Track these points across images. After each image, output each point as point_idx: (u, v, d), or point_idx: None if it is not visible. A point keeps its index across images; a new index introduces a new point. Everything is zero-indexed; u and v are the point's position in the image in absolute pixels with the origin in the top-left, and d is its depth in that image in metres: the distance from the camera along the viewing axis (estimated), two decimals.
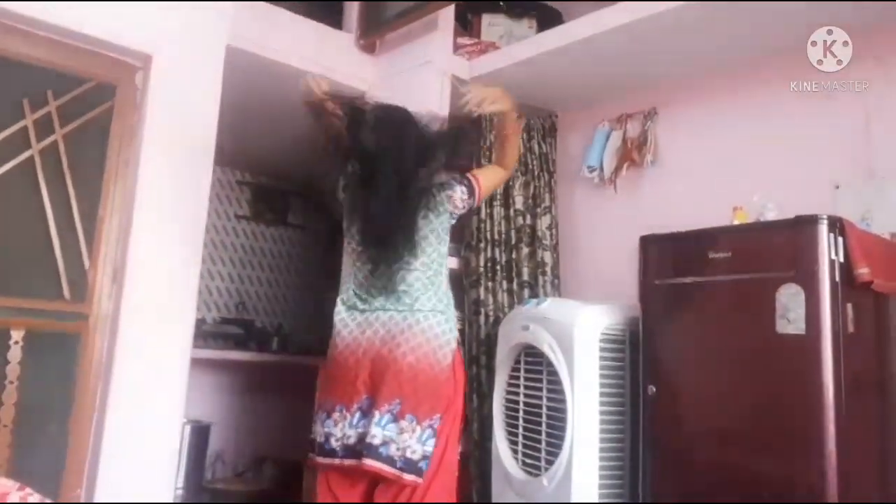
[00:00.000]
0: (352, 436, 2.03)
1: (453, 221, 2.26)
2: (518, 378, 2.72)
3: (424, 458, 1.98)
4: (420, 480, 1.97)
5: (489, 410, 2.84)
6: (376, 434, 1.97)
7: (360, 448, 1.99)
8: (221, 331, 4.62)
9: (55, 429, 2.43)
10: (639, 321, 2.46)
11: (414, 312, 2.09)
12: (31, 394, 2.38)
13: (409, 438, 1.98)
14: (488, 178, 2.33)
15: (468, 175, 2.28)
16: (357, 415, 2.05)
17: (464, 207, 2.25)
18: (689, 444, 2.25)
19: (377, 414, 1.99)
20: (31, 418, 2.39)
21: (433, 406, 2.02)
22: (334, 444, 2.06)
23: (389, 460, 1.96)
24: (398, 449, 1.97)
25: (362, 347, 2.10)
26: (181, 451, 3.21)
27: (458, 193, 2.22)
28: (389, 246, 2.11)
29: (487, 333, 3.09)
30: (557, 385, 2.51)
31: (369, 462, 1.96)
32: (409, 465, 1.96)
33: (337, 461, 2.05)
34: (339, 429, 2.06)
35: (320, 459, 2.10)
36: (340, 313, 2.20)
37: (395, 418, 1.99)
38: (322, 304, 4.83)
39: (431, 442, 1.99)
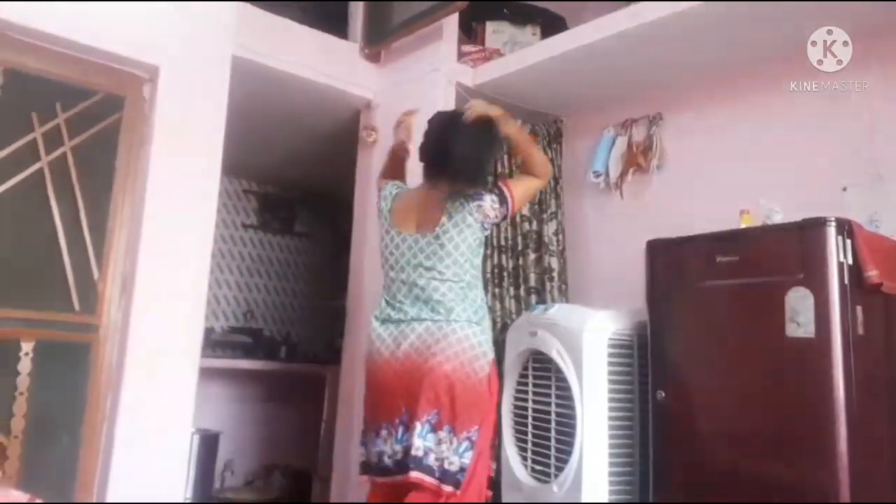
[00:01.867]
0: (399, 451, 2.06)
1: (487, 232, 2.26)
2: (526, 384, 2.71)
3: (462, 469, 1.99)
4: (457, 492, 1.99)
5: (498, 417, 2.83)
6: (419, 446, 2.00)
7: (407, 461, 2.02)
8: (230, 340, 4.64)
9: (65, 439, 2.44)
10: (647, 326, 2.45)
11: (450, 322, 2.10)
12: (41, 405, 2.39)
13: (447, 450, 2.00)
14: (520, 186, 2.31)
15: (499, 184, 2.27)
16: (401, 429, 2.08)
17: (496, 217, 2.23)
18: (699, 449, 2.24)
19: (417, 425, 2.01)
20: (42, 429, 2.39)
21: (471, 417, 2.03)
22: (387, 461, 2.10)
23: (429, 470, 1.99)
24: (437, 459, 2.00)
25: (399, 361, 2.12)
26: (190, 461, 3.21)
27: (489, 203, 2.20)
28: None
29: (495, 340, 3.07)
30: (566, 391, 2.50)
31: (415, 474, 1.98)
32: (448, 476, 1.98)
33: (389, 479, 2.09)
34: (388, 446, 2.10)
35: (380, 479, 2.14)
36: (376, 329, 2.23)
37: (434, 429, 2.01)
38: (330, 312, 4.87)
39: (469, 454, 2.00)
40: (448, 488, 1.98)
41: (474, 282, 2.22)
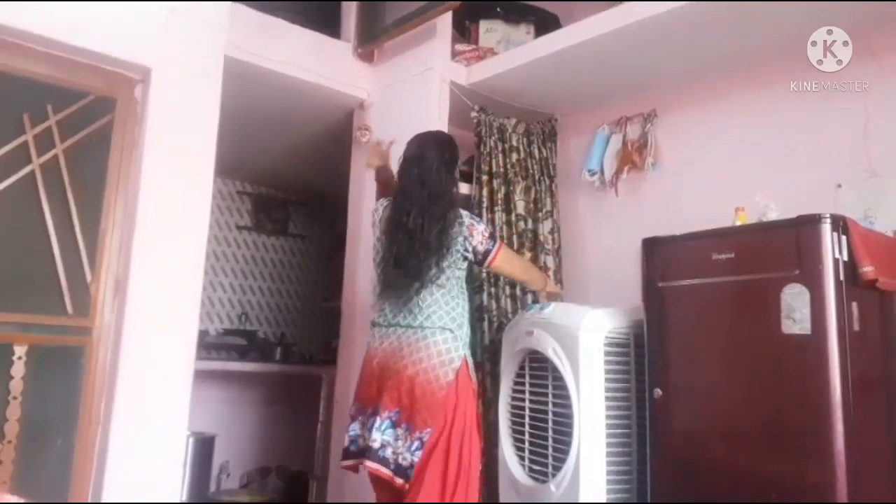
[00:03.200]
0: (368, 437, 2.23)
1: (468, 255, 2.36)
2: (523, 384, 2.71)
3: (411, 465, 2.16)
4: (406, 485, 2.16)
5: (494, 416, 2.82)
6: (376, 438, 2.19)
7: (369, 450, 2.20)
8: (224, 342, 4.62)
9: (59, 443, 2.43)
10: (643, 324, 2.45)
11: (423, 329, 2.26)
12: (34, 409, 2.38)
13: (402, 447, 2.18)
14: (512, 257, 2.58)
15: (497, 238, 2.45)
16: (371, 419, 2.25)
17: (479, 244, 2.35)
18: (696, 446, 2.24)
19: (378, 420, 2.21)
20: (35, 433, 2.38)
21: (425, 420, 2.18)
22: (352, 447, 2.31)
23: (385, 462, 2.19)
24: (394, 453, 2.19)
25: (377, 358, 2.33)
26: (185, 464, 3.20)
27: (481, 229, 2.37)
28: (407, 263, 2.28)
29: (491, 339, 3.07)
30: (563, 390, 2.49)
31: (369, 463, 2.20)
32: (400, 470, 2.17)
33: (352, 461, 2.30)
34: (362, 430, 2.29)
35: (344, 463, 2.33)
36: (372, 330, 2.43)
37: (394, 425, 2.20)
38: (324, 313, 4.86)
39: (419, 454, 2.15)
40: (399, 480, 2.16)
41: (458, 291, 2.36)
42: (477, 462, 2.28)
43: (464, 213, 2.38)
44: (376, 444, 2.18)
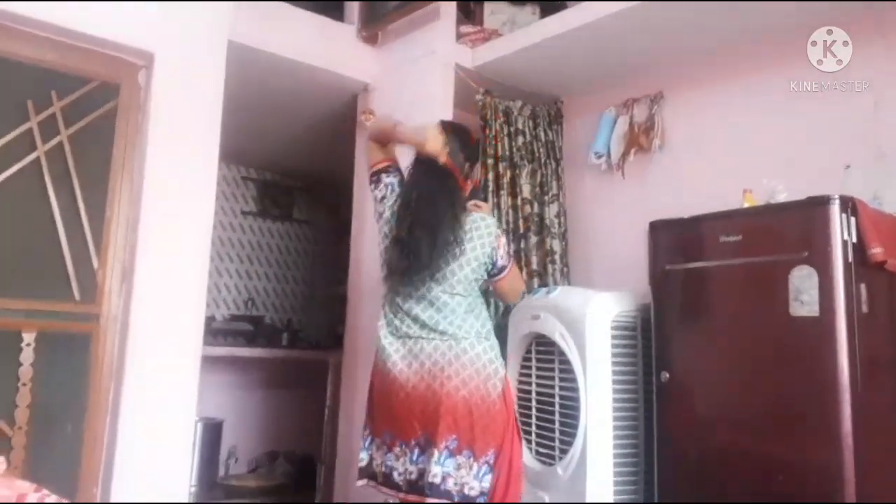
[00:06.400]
0: (413, 472, 2.06)
1: (489, 266, 2.20)
2: (530, 368, 2.71)
3: (482, 493, 2.00)
4: None
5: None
6: (437, 473, 1.99)
7: (422, 485, 2.02)
8: (231, 328, 4.64)
9: (69, 429, 2.44)
10: (650, 307, 2.45)
11: (459, 340, 2.09)
12: (44, 395, 2.39)
13: (467, 475, 2.00)
14: (517, 272, 2.37)
15: (512, 260, 2.31)
16: (416, 451, 2.07)
17: (500, 258, 2.19)
18: (703, 429, 2.24)
19: (436, 452, 2.00)
20: (45, 419, 2.39)
21: (488, 441, 2.03)
22: (397, 478, 2.10)
23: (448, 495, 1.99)
24: (456, 484, 2.00)
25: (412, 382, 2.10)
26: (194, 449, 3.22)
27: (504, 242, 2.23)
28: (429, 263, 2.10)
29: (497, 324, 3.07)
30: (569, 374, 2.50)
31: (432, 501, 1.99)
32: (467, 501, 1.99)
33: (402, 495, 2.09)
34: (401, 464, 2.10)
35: (385, 490, 2.14)
36: (385, 337, 2.20)
37: (453, 454, 2.01)
38: (331, 299, 4.86)
39: (489, 478, 2.01)
40: None
41: (480, 297, 2.22)
42: (521, 457, 2.14)
43: (492, 220, 2.23)
44: (437, 479, 1.98)
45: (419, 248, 2.10)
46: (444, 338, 2.10)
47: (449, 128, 2.25)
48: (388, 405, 2.16)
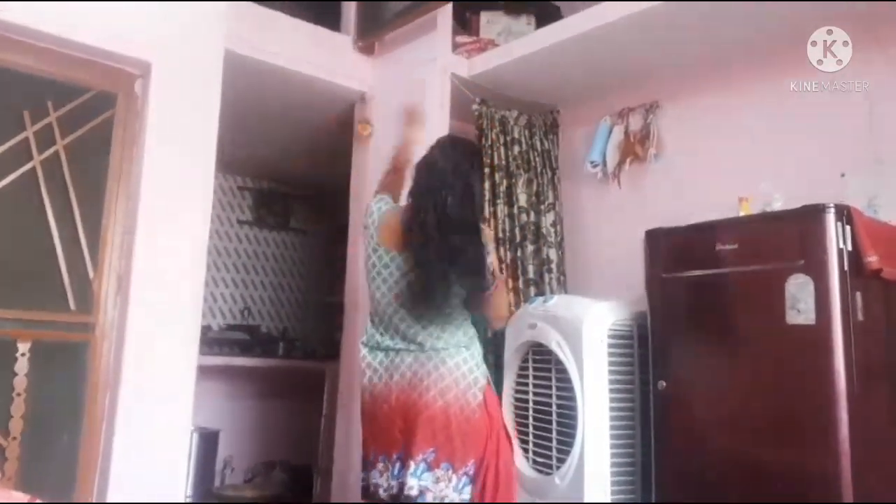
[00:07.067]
0: (394, 486, 2.04)
1: None
2: (526, 377, 2.70)
3: None
4: None
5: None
6: (413, 485, 1.98)
7: (402, 499, 1.99)
8: (227, 337, 4.62)
9: (64, 439, 2.43)
10: (647, 316, 2.45)
11: (438, 351, 2.08)
12: (39, 405, 2.38)
13: (446, 488, 1.98)
14: (502, 288, 2.32)
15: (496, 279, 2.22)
16: (397, 465, 2.05)
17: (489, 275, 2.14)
18: (700, 437, 2.23)
19: (412, 464, 1.99)
20: (40, 430, 2.38)
21: (468, 452, 2.01)
22: (382, 494, 2.07)
23: None
24: (435, 497, 1.97)
25: (393, 394, 2.09)
26: (190, 459, 3.21)
27: (493, 259, 2.16)
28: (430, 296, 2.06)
29: (494, 332, 3.07)
30: (566, 382, 2.49)
31: None
32: None
33: None
34: (384, 479, 2.08)
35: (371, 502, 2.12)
36: (366, 357, 2.20)
37: (430, 467, 1.99)
38: (327, 308, 4.85)
39: (468, 490, 1.99)
40: None
41: (461, 308, 2.16)
42: (512, 466, 2.14)
43: (487, 235, 2.19)
44: (414, 492, 1.96)
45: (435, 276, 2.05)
46: (423, 349, 2.09)
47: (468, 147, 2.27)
48: (373, 421, 2.15)
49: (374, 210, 2.30)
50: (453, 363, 2.07)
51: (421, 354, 2.09)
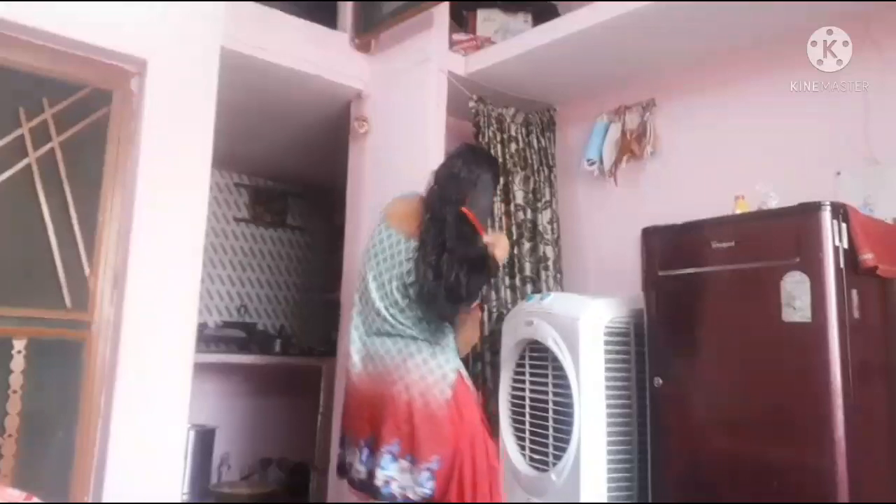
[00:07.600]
0: (362, 471, 2.09)
1: None
2: (523, 374, 2.71)
3: (424, 499, 1.99)
4: None
5: (495, 407, 2.83)
6: (378, 476, 2.02)
7: (370, 486, 2.05)
8: (223, 335, 4.62)
9: (60, 437, 2.42)
10: (643, 313, 2.45)
11: (408, 343, 2.10)
12: (35, 403, 2.37)
13: (410, 479, 2.00)
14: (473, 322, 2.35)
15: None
16: (365, 451, 2.09)
17: None
18: (696, 435, 2.24)
19: (378, 455, 2.04)
20: (36, 427, 2.37)
21: (431, 448, 2.01)
22: (353, 474, 2.14)
23: (392, 497, 2.00)
24: (400, 487, 2.01)
25: (367, 380, 2.15)
26: (186, 456, 3.20)
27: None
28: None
29: (491, 330, 3.08)
30: (563, 380, 2.50)
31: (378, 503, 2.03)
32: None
33: (356, 491, 2.15)
34: (356, 461, 2.13)
35: (346, 480, 2.20)
36: (352, 339, 2.23)
37: (396, 458, 2.02)
38: (324, 305, 4.85)
39: (430, 485, 1.99)
40: None
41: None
42: (496, 461, 2.13)
43: None
44: (379, 482, 2.01)
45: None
46: (399, 338, 2.11)
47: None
48: (349, 403, 2.23)
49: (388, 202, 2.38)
50: (421, 358, 2.09)
51: (393, 345, 2.11)
